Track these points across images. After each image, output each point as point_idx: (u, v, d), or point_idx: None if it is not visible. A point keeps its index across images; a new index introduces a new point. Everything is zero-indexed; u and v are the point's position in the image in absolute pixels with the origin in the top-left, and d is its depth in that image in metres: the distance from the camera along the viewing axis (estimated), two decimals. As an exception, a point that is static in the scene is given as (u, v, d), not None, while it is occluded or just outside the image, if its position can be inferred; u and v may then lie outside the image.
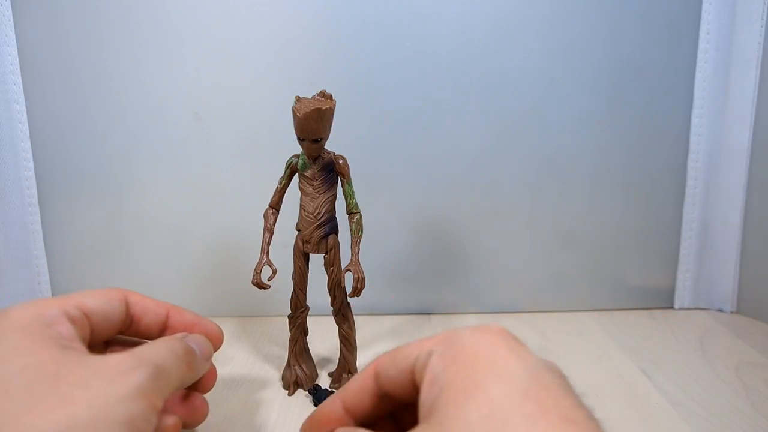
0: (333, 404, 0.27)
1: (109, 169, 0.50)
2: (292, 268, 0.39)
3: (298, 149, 0.37)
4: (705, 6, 0.48)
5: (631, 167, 0.51)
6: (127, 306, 0.31)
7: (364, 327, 0.47)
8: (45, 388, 0.22)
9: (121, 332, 0.32)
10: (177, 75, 0.48)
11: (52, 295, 0.52)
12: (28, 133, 0.49)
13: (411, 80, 0.49)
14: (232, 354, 0.46)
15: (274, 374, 0.42)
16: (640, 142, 0.51)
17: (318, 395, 0.38)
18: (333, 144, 0.37)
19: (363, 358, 0.44)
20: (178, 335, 0.31)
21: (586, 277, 0.53)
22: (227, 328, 0.50)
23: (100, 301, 0.30)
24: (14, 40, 0.47)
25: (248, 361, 0.45)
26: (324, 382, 0.41)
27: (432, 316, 0.53)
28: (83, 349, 0.26)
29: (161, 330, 0.32)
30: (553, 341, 0.47)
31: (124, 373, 0.24)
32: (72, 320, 0.27)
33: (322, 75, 0.48)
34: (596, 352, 0.45)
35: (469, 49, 0.48)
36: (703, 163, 0.51)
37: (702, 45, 0.49)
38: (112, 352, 0.31)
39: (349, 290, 0.37)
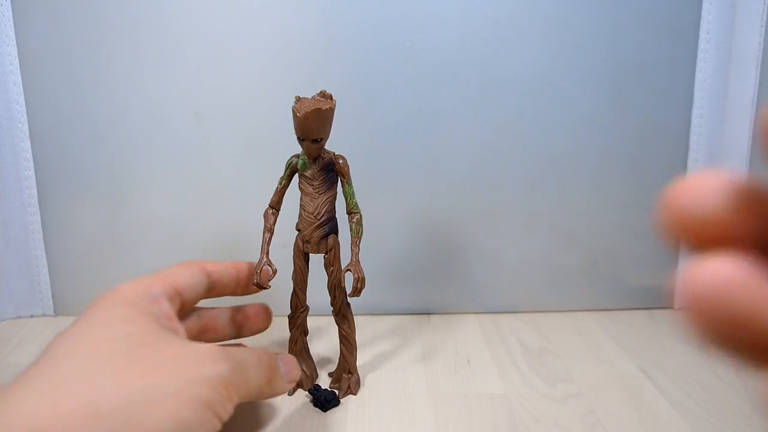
0: None
1: (109, 169, 0.50)
2: (291, 268, 0.39)
3: (298, 149, 0.38)
4: (705, 6, 0.48)
5: (631, 167, 0.51)
6: (208, 275, 0.35)
7: (364, 327, 0.47)
8: (143, 355, 0.26)
9: (202, 298, 0.36)
10: (177, 75, 0.48)
11: (52, 296, 0.52)
12: (28, 133, 0.49)
13: (411, 80, 0.49)
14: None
15: None
16: (640, 142, 0.51)
17: (318, 395, 0.38)
18: (333, 144, 0.37)
19: (363, 358, 0.44)
20: (271, 355, 0.33)
21: (585, 277, 0.53)
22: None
23: (187, 278, 0.34)
24: (14, 40, 0.47)
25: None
26: (324, 382, 0.41)
27: (432, 315, 0.53)
28: (180, 328, 0.31)
29: (234, 288, 0.37)
30: (553, 341, 0.47)
31: (212, 360, 0.27)
32: (170, 298, 0.31)
33: (322, 75, 0.48)
34: (596, 352, 0.45)
35: (469, 49, 0.48)
36: (703, 162, 0.51)
37: (702, 45, 0.49)
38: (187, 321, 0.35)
39: (349, 290, 0.37)
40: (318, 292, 0.40)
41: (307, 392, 0.39)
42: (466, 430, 0.36)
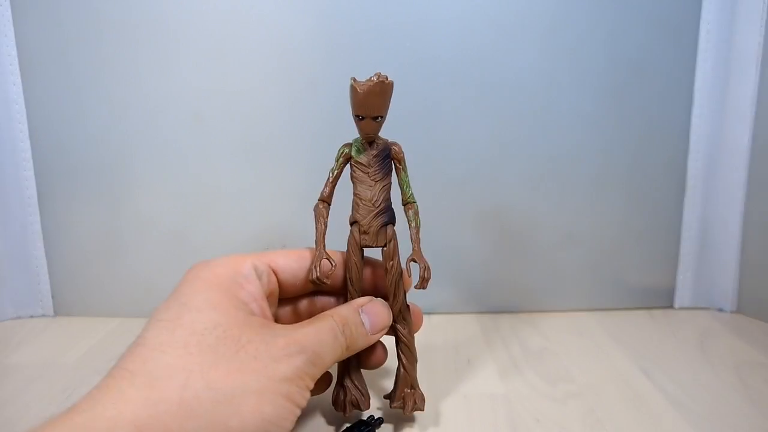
0: None
1: (108, 170, 0.50)
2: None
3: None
4: (705, 6, 0.48)
5: (631, 167, 0.51)
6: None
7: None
8: (228, 351, 0.27)
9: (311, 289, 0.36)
10: (177, 75, 0.48)
11: (52, 296, 0.52)
12: (27, 133, 0.49)
13: (410, 81, 0.49)
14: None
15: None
16: (640, 142, 0.51)
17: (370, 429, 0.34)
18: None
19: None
20: (350, 310, 0.33)
21: (586, 277, 0.53)
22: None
23: (290, 259, 0.34)
24: (14, 41, 0.47)
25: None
26: (377, 403, 0.38)
27: (432, 315, 0.53)
28: (267, 311, 0.32)
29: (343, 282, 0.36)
30: (553, 341, 0.47)
31: (288, 356, 0.28)
32: (260, 276, 0.32)
33: (322, 76, 0.48)
34: (596, 352, 0.45)
35: (469, 49, 0.48)
36: (703, 163, 0.51)
37: (702, 45, 0.49)
38: (299, 309, 0.36)
39: (415, 282, 0.34)
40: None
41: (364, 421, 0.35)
42: (466, 430, 0.36)
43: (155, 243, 0.51)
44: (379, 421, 0.36)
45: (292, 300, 0.37)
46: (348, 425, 0.35)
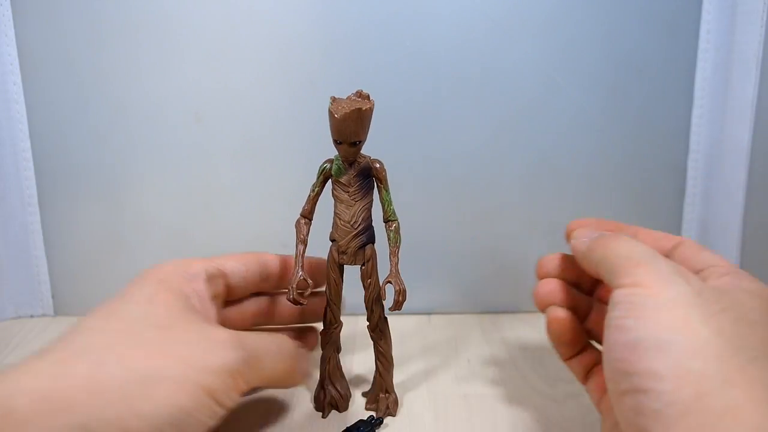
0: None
1: (109, 169, 0.50)
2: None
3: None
4: (705, 6, 0.48)
5: (630, 167, 0.51)
6: (265, 267, 0.36)
7: (364, 327, 0.47)
8: (154, 337, 0.26)
9: (261, 290, 0.37)
10: (177, 75, 0.48)
11: (52, 296, 0.52)
12: (27, 132, 0.49)
13: (410, 80, 0.49)
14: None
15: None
16: (639, 142, 0.51)
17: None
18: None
19: (362, 358, 0.44)
20: (298, 342, 0.33)
21: (586, 277, 0.53)
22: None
23: (239, 264, 0.34)
24: (14, 40, 0.47)
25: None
26: (358, 402, 0.39)
27: (432, 315, 0.53)
28: (211, 311, 0.31)
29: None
30: (553, 341, 0.47)
31: (222, 349, 0.27)
32: (209, 279, 0.32)
33: (322, 75, 0.48)
34: (596, 352, 0.45)
35: (468, 48, 0.48)
36: (703, 163, 0.51)
37: (702, 45, 0.49)
38: (244, 310, 0.36)
39: (389, 304, 0.35)
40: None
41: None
42: (466, 430, 0.36)
43: (156, 242, 0.51)
44: (379, 421, 0.36)
45: (237, 302, 0.37)
46: (348, 425, 0.35)
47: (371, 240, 0.36)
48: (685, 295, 0.22)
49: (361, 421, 0.36)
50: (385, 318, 0.37)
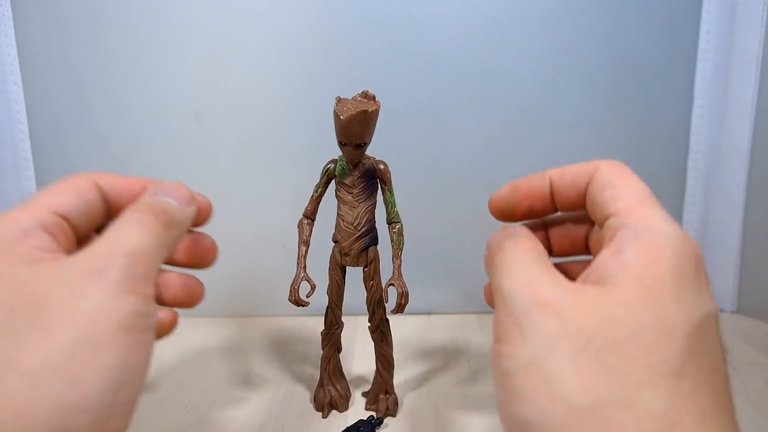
0: (542, 180, 0.27)
1: (109, 169, 0.49)
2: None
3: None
4: (705, 6, 0.48)
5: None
6: (103, 193, 0.28)
7: (363, 327, 0.47)
8: (25, 320, 0.20)
9: (101, 225, 0.28)
10: (177, 75, 0.48)
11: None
12: (27, 133, 0.49)
13: (410, 80, 0.49)
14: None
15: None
16: (639, 142, 0.51)
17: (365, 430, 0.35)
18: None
19: (362, 358, 0.44)
20: (145, 197, 0.26)
21: (586, 277, 0.53)
22: (228, 328, 0.50)
23: (73, 198, 0.26)
24: (14, 40, 0.47)
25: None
26: (358, 402, 0.39)
27: (432, 315, 0.53)
28: (57, 257, 0.23)
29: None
30: (553, 341, 0.47)
31: (98, 275, 0.21)
32: (47, 229, 0.24)
33: (322, 75, 0.48)
34: (596, 352, 0.45)
35: (468, 48, 0.48)
36: (703, 163, 0.51)
37: (702, 45, 0.49)
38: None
39: (391, 306, 0.35)
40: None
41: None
42: (466, 430, 0.36)
43: (155, 243, 0.51)
44: (379, 421, 0.36)
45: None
46: (348, 425, 0.35)
47: (374, 242, 0.35)
48: (547, 339, 0.20)
49: (361, 421, 0.36)
50: (387, 319, 0.37)
